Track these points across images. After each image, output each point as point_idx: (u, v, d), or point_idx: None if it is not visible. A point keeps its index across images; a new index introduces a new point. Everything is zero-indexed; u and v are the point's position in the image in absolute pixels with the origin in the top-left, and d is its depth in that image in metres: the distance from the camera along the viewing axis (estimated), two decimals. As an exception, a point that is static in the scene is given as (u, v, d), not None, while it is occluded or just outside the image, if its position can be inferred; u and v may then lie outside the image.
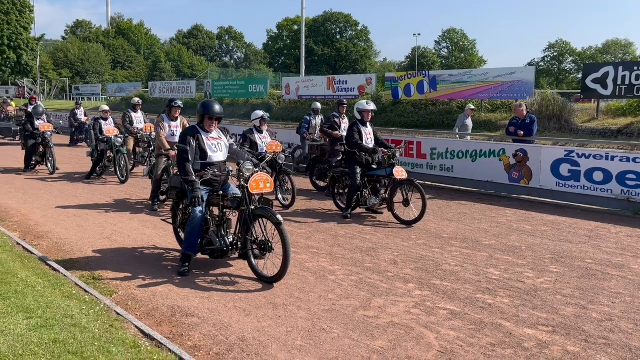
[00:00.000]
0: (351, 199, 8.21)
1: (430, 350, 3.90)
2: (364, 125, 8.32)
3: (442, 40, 80.00)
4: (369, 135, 8.29)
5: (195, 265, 5.73)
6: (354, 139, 8.14)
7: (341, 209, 8.50)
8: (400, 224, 7.81)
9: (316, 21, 75.05)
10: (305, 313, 4.56)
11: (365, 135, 8.23)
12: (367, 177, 8.21)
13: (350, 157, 8.26)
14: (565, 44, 75.26)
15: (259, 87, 31.91)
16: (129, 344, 3.78)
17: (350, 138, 8.20)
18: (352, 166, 8.18)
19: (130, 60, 73.21)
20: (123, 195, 10.01)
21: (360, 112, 8.30)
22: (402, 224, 7.78)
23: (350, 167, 8.23)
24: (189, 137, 5.63)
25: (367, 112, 8.30)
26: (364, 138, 8.19)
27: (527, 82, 19.66)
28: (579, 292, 5.11)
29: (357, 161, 8.14)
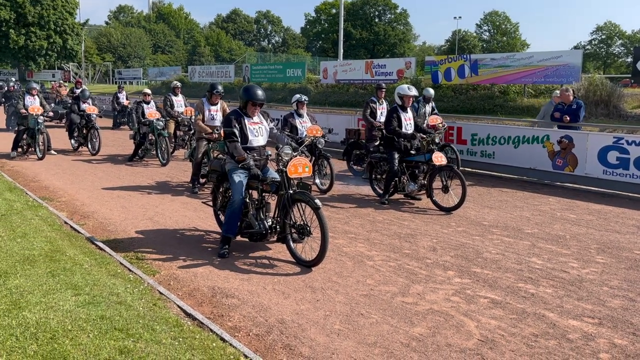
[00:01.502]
0: (389, 185, 8.12)
1: (470, 339, 3.85)
2: (404, 110, 8.16)
3: (483, 23, 78.00)
4: (408, 121, 8.14)
5: (235, 248, 5.80)
6: (392, 126, 8.03)
7: (379, 194, 8.44)
8: (439, 211, 7.70)
9: (354, 4, 74.24)
10: (343, 297, 4.56)
11: (405, 121, 8.09)
12: (405, 163, 8.08)
13: (388, 142, 8.18)
14: (615, 27, 72.20)
15: (296, 71, 31.90)
16: (172, 323, 3.87)
17: (389, 124, 8.10)
18: (390, 152, 8.08)
19: (170, 44, 74.36)
20: (164, 177, 10.22)
21: (402, 97, 8.11)
22: (441, 211, 7.66)
23: (388, 153, 8.14)
24: (233, 121, 5.68)
25: (409, 98, 8.12)
26: (403, 124, 8.05)
27: (574, 66, 18.98)
28: (627, 283, 4.93)
29: (395, 147, 8.04)
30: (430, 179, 7.86)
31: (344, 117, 14.94)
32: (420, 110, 10.93)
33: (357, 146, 10.46)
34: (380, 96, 10.21)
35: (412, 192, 8.14)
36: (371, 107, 10.01)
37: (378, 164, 8.57)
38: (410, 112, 8.25)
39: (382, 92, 10.24)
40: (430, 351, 3.67)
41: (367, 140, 9.99)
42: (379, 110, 10.00)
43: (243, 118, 5.73)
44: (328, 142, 10.74)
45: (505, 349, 3.70)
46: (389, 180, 8.11)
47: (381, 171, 8.52)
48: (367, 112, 9.98)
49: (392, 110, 8.23)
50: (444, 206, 7.72)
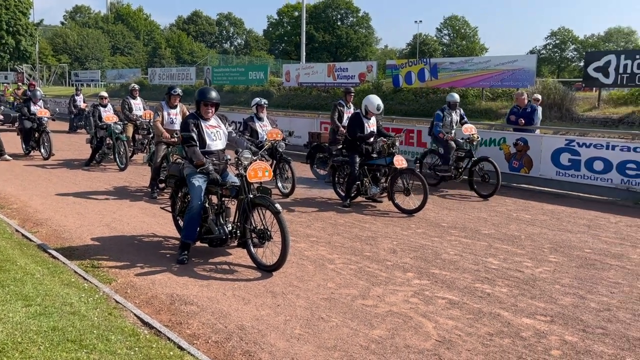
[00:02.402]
0: (350, 188, 8.19)
1: (428, 340, 3.91)
2: (368, 118, 8.24)
3: (443, 27, 79.44)
4: (371, 127, 8.22)
5: (194, 254, 5.73)
6: (355, 131, 8.09)
7: (341, 197, 8.47)
8: (400, 213, 7.80)
9: (317, 7, 74.49)
10: (304, 302, 4.56)
11: (368, 128, 8.16)
12: (367, 166, 8.15)
13: (350, 146, 8.23)
14: (568, 32, 74.74)
15: (259, 74, 31.76)
16: (128, 332, 3.78)
17: (351, 128, 8.17)
18: (352, 155, 8.14)
19: (129, 46, 72.87)
20: (122, 182, 10.00)
21: (367, 110, 8.19)
22: (402, 213, 7.76)
23: (350, 156, 8.20)
24: (191, 125, 5.61)
25: (372, 114, 8.24)
26: (366, 131, 8.12)
27: (529, 70, 19.56)
28: (578, 281, 5.11)
29: (357, 150, 8.10)
30: (391, 182, 7.94)
31: (307, 120, 14.98)
32: (446, 120, 9.71)
33: (320, 149, 10.46)
34: (349, 100, 10.11)
35: (375, 195, 8.20)
36: (339, 110, 9.93)
37: (340, 168, 8.61)
38: (373, 119, 8.33)
39: (350, 97, 10.14)
40: (389, 353, 3.71)
41: (331, 143, 9.98)
42: (346, 114, 9.88)
43: (200, 121, 5.67)
44: (290, 145, 10.75)
45: (462, 349, 3.77)
46: (350, 183, 8.17)
47: (344, 174, 8.55)
48: (335, 115, 9.91)
49: (356, 115, 8.29)
50: (405, 208, 7.80)
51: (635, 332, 4.05)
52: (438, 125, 9.60)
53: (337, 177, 8.73)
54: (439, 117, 9.65)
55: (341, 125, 9.77)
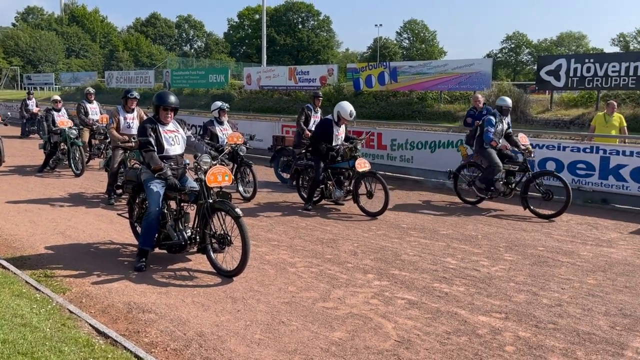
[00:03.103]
0: (313, 192, 8.22)
1: (387, 340, 3.96)
2: (338, 125, 8.18)
3: (403, 31, 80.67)
4: (340, 135, 8.20)
5: (153, 261, 5.63)
6: (320, 138, 8.09)
7: (305, 200, 8.46)
8: (361, 216, 7.87)
9: (278, 10, 74.47)
10: (264, 306, 4.55)
11: (337, 136, 8.14)
12: (331, 170, 8.16)
13: (314, 149, 8.23)
14: (522, 36, 77.05)
15: (219, 77, 31.50)
16: (82, 343, 3.68)
17: (318, 133, 8.17)
18: (316, 159, 8.15)
19: (85, 48, 70.94)
20: (78, 189, 9.73)
21: (340, 116, 8.10)
22: (367, 216, 7.81)
23: (313, 160, 8.23)
24: (148, 129, 5.52)
25: (344, 121, 8.20)
26: (333, 138, 8.09)
27: (485, 73, 20.08)
28: (531, 279, 5.28)
29: (321, 154, 8.10)
30: (355, 185, 7.99)
31: (268, 124, 14.94)
32: (497, 127, 8.31)
33: (284, 153, 10.41)
34: (317, 104, 10.11)
35: (339, 199, 8.20)
36: (306, 114, 9.93)
37: (304, 171, 8.66)
38: (343, 127, 8.29)
39: (318, 101, 10.14)
40: (349, 355, 3.74)
41: (296, 146, 9.94)
42: (313, 119, 9.95)
43: (158, 126, 5.58)
44: (252, 149, 10.68)
45: (420, 348, 3.84)
46: (312, 187, 8.21)
47: (308, 178, 8.58)
48: (302, 119, 9.89)
49: (325, 122, 8.25)
50: (369, 211, 7.84)
51: (584, 326, 4.21)
52: (489, 131, 8.19)
53: (300, 180, 8.75)
54: (491, 123, 8.25)
55: (307, 129, 9.79)
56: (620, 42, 70.30)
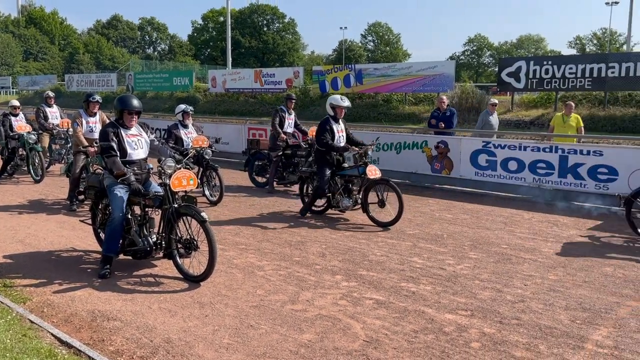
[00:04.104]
0: (314, 200, 7.82)
1: (356, 340, 3.99)
2: (336, 122, 7.72)
3: (368, 33, 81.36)
4: (341, 133, 7.71)
5: (117, 267, 5.52)
6: (325, 138, 7.54)
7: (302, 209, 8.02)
8: (330, 217, 7.89)
9: (242, 13, 74.06)
10: (232, 310, 4.52)
11: (337, 133, 7.65)
12: (338, 177, 7.67)
13: (319, 156, 7.71)
14: (484, 39, 78.77)
15: (183, 79, 31.14)
16: (44, 354, 3.59)
17: (321, 136, 7.59)
18: (322, 166, 7.64)
19: (44, 51, 68.95)
20: (38, 195, 9.46)
21: (334, 107, 7.68)
22: (377, 226, 7.33)
23: (319, 168, 7.70)
24: (110, 134, 5.41)
25: (341, 109, 7.70)
26: (335, 136, 7.61)
27: (448, 75, 20.44)
28: (495, 276, 5.40)
29: (327, 161, 7.60)
30: (365, 194, 7.47)
31: (234, 126, 14.84)
32: None
33: (258, 156, 10.29)
34: (290, 106, 10.07)
35: (347, 208, 7.66)
36: (280, 116, 9.85)
37: (309, 179, 8.20)
38: (342, 124, 7.82)
39: (291, 103, 10.11)
40: (318, 356, 3.75)
41: (271, 149, 9.86)
42: (287, 121, 9.92)
43: (120, 130, 5.48)
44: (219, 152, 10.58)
45: (388, 347, 3.88)
46: (315, 196, 7.76)
47: (313, 186, 8.08)
48: (277, 121, 9.79)
49: (324, 122, 7.70)
50: (380, 221, 7.35)
51: (546, 321, 4.33)
52: None
53: (305, 188, 8.26)
54: None
55: (282, 131, 9.73)
56: (576, 44, 72.70)
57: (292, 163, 9.73)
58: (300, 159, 9.62)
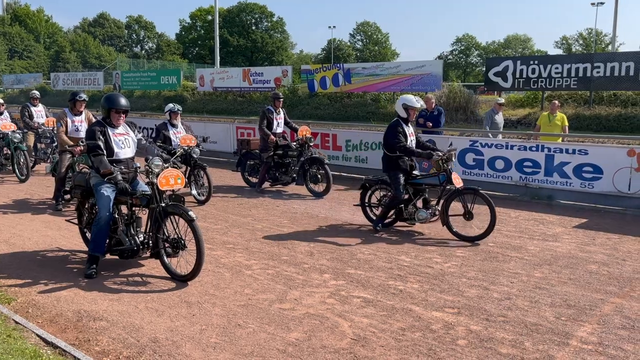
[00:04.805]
0: (389, 211, 7.01)
1: (344, 339, 4.00)
2: (407, 124, 7.02)
3: (356, 33, 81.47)
4: (412, 137, 7.03)
5: (104, 267, 5.48)
6: (400, 142, 6.81)
7: (372, 221, 7.28)
8: (318, 216, 7.89)
9: (230, 11, 73.79)
10: (220, 310, 4.51)
11: (409, 137, 6.96)
12: (413, 186, 6.96)
13: (391, 162, 6.96)
14: (471, 38, 79.27)
15: (171, 78, 30.95)
16: (29, 354, 3.55)
17: (394, 140, 6.84)
18: (395, 174, 6.90)
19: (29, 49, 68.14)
20: (23, 195, 9.36)
21: (407, 108, 6.95)
22: (462, 240, 6.60)
23: (392, 175, 6.93)
24: (97, 132, 5.37)
25: (414, 111, 7.07)
26: (408, 140, 6.91)
27: (436, 75, 20.52)
28: (482, 274, 5.44)
29: (401, 167, 6.90)
30: (447, 205, 6.69)
31: (222, 125, 14.79)
32: None
33: (250, 156, 10.20)
34: (278, 106, 9.88)
35: (425, 221, 6.88)
36: (268, 118, 9.67)
37: (375, 187, 7.41)
38: (412, 127, 7.18)
39: (279, 102, 9.91)
40: (305, 355, 3.75)
41: (262, 150, 9.73)
42: (276, 121, 9.76)
43: (107, 129, 5.44)
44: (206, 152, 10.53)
45: (376, 345, 3.90)
46: (391, 206, 6.96)
47: (382, 195, 7.36)
48: (264, 123, 9.61)
49: (395, 125, 6.98)
50: (465, 235, 6.61)
51: (532, 318, 4.37)
52: None
53: (368, 197, 7.49)
54: None
55: (271, 132, 9.57)
56: (563, 44, 73.41)
57: (284, 163, 9.67)
58: (292, 159, 9.56)
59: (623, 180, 8.40)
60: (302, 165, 9.38)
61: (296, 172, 9.50)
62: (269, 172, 9.75)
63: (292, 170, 9.54)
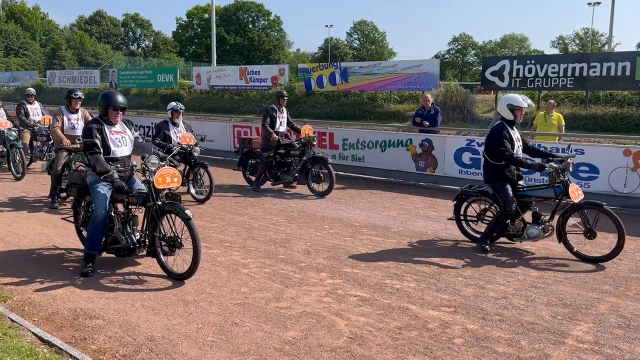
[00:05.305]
0: (497, 227, 6.15)
1: (340, 337, 4.00)
2: (512, 127, 6.23)
3: (353, 32, 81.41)
4: (519, 142, 6.23)
5: (100, 265, 5.47)
6: (506, 150, 6.02)
7: (474, 239, 6.50)
8: (315, 215, 7.89)
9: (227, 10, 73.58)
10: (217, 308, 4.51)
11: (516, 142, 6.18)
12: (520, 198, 6.17)
13: (496, 172, 6.16)
14: (468, 38, 79.29)
15: (168, 76, 30.87)
16: (25, 352, 3.54)
17: (500, 147, 6.04)
18: (502, 185, 6.09)
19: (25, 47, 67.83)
20: (19, 193, 9.32)
21: (513, 109, 6.14)
22: (583, 262, 5.83)
23: (499, 187, 6.11)
24: (94, 130, 5.36)
25: (522, 111, 6.19)
26: (515, 146, 6.14)
27: (433, 74, 20.53)
28: (478, 273, 5.45)
29: (508, 178, 6.13)
30: (563, 220, 5.94)
31: (219, 124, 14.78)
32: None
33: (251, 155, 10.11)
34: (282, 104, 9.79)
35: (537, 238, 6.11)
36: (271, 116, 9.60)
37: (472, 199, 6.62)
38: (517, 131, 6.35)
39: (283, 100, 9.82)
40: (302, 353, 3.75)
41: (263, 149, 9.68)
42: (279, 119, 9.68)
43: (104, 127, 5.43)
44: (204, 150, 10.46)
45: (373, 344, 3.90)
46: (500, 221, 6.11)
47: (481, 209, 6.58)
48: (267, 121, 9.53)
49: (499, 129, 6.17)
50: (587, 255, 5.85)
51: (528, 316, 4.39)
52: None
53: (463, 209, 6.70)
54: None
55: (274, 131, 9.49)
56: (559, 44, 73.51)
57: (285, 163, 9.61)
58: (294, 159, 9.50)
59: (619, 180, 8.43)
60: (305, 165, 9.33)
61: (298, 172, 9.45)
62: (270, 172, 9.70)
63: (294, 169, 9.48)
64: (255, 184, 9.75)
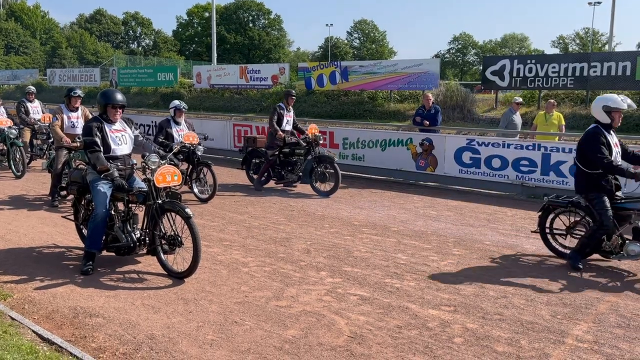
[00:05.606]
0: (592, 242, 5.48)
1: (340, 336, 4.00)
2: (609, 131, 5.60)
3: (353, 31, 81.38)
4: (617, 148, 5.58)
5: (100, 263, 5.47)
6: (604, 157, 5.37)
7: (562, 254, 5.88)
8: (314, 214, 7.89)
9: (228, 9, 73.54)
10: (217, 307, 4.51)
11: (614, 148, 5.54)
12: (614, 210, 5.46)
13: (591, 181, 5.54)
14: (468, 37, 79.25)
15: (168, 75, 30.86)
16: (25, 350, 3.54)
17: (596, 154, 5.40)
18: (599, 196, 5.45)
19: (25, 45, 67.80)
20: (19, 191, 9.32)
21: (610, 111, 5.50)
22: None
23: (595, 198, 5.47)
24: (94, 129, 5.36)
25: (620, 113, 5.56)
26: (613, 153, 5.49)
27: (433, 73, 20.52)
28: (478, 272, 5.45)
29: (605, 188, 5.50)
30: None
31: (219, 122, 14.77)
32: None
33: (255, 154, 10.06)
34: (290, 103, 9.75)
35: (638, 257, 5.39)
36: (279, 114, 9.57)
37: (561, 210, 5.95)
38: (615, 135, 5.68)
39: (292, 100, 9.78)
40: (302, 352, 3.76)
41: (268, 147, 9.65)
42: (286, 118, 9.65)
43: (104, 125, 5.43)
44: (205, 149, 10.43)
45: (372, 343, 3.90)
46: (595, 235, 5.43)
47: (571, 222, 5.92)
48: (275, 118, 9.50)
49: (594, 133, 5.52)
50: None
51: (528, 316, 4.39)
52: None
53: (550, 221, 6.02)
54: None
55: (280, 129, 9.47)
56: (559, 44, 73.49)
57: (290, 162, 9.58)
58: (299, 157, 9.46)
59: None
60: (309, 164, 9.30)
61: (302, 171, 9.43)
62: (274, 170, 9.67)
63: (299, 168, 9.47)
64: (258, 182, 9.72)
